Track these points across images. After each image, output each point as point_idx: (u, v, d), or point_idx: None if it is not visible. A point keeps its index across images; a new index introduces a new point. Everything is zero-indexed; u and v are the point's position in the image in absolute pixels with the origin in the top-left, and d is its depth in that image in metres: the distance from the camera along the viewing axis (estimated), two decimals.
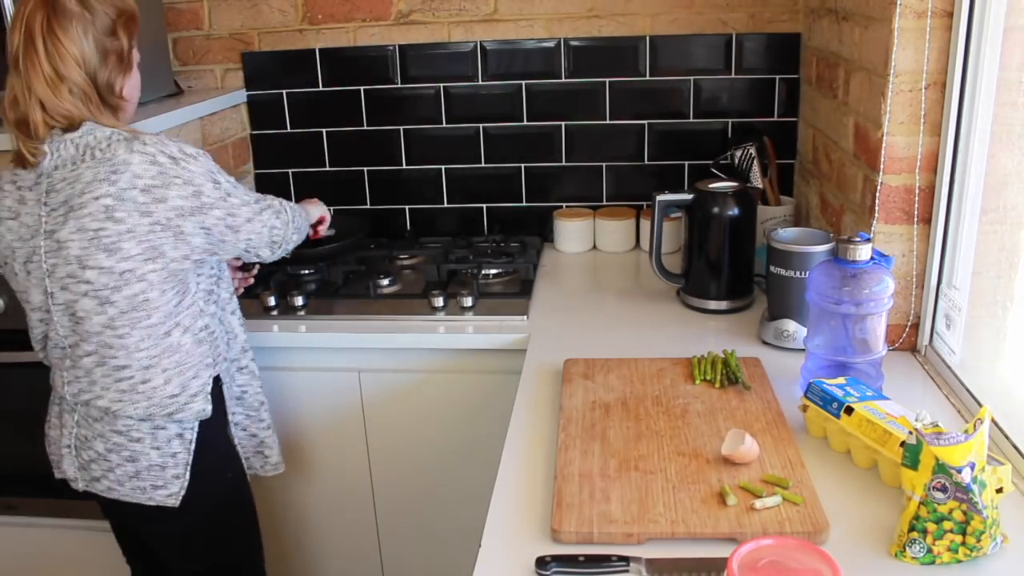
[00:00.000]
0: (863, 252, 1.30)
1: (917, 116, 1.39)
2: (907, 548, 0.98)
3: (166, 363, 1.37)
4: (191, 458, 1.42)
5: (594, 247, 2.19)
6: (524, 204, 2.26)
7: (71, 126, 1.30)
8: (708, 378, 1.40)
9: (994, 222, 1.35)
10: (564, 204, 2.24)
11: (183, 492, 1.42)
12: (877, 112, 1.43)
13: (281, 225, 1.49)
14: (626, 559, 0.99)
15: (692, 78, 2.10)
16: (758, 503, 1.07)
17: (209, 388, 1.44)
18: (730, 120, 2.13)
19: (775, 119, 2.11)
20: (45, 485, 1.92)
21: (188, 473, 1.42)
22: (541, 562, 0.99)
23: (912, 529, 0.98)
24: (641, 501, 1.09)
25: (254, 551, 1.63)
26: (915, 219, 1.45)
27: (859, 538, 1.03)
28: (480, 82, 2.16)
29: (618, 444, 1.23)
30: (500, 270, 1.99)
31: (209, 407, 1.43)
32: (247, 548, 1.61)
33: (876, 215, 1.46)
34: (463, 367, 1.76)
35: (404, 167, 2.26)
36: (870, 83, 1.48)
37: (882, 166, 1.43)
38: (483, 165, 2.23)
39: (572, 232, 2.16)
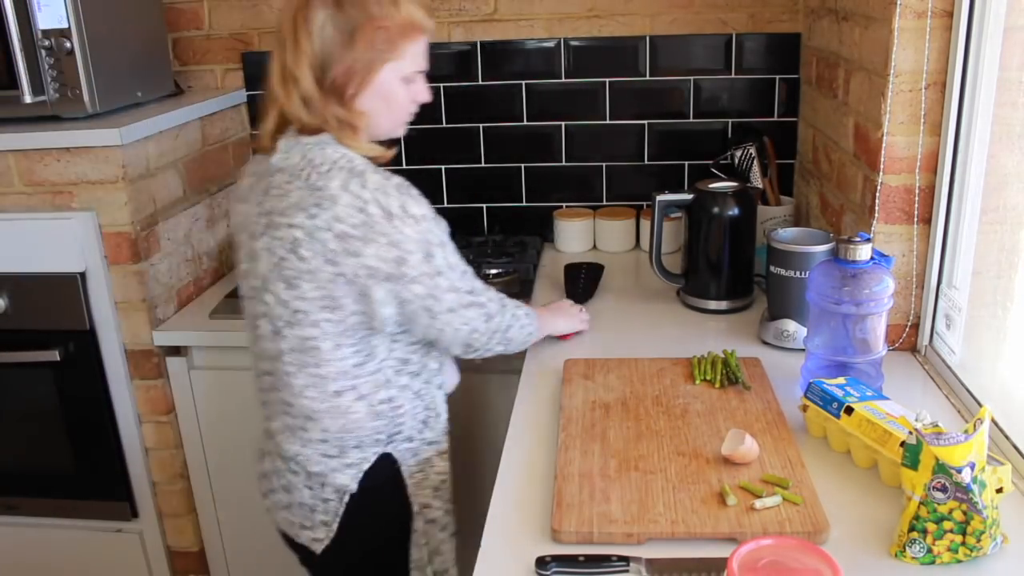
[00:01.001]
0: (863, 252, 1.30)
1: (917, 116, 1.39)
2: (907, 548, 0.98)
3: (328, 423, 1.24)
4: (343, 509, 1.27)
5: (594, 247, 2.19)
6: (524, 204, 2.26)
7: (305, 128, 1.20)
8: (708, 378, 1.40)
9: (994, 222, 1.35)
10: (564, 204, 2.24)
11: (328, 542, 1.28)
12: (877, 112, 1.43)
13: (485, 330, 1.30)
14: (626, 559, 0.99)
15: (692, 78, 2.10)
16: (758, 503, 1.07)
17: (368, 467, 1.27)
18: (730, 120, 2.13)
19: (775, 119, 2.11)
20: (45, 485, 1.92)
21: (337, 525, 1.28)
22: (541, 562, 0.99)
23: (912, 529, 0.98)
24: (641, 501, 1.09)
25: None
26: (915, 219, 1.45)
27: (859, 538, 1.03)
28: (480, 82, 2.16)
29: (618, 444, 1.23)
30: (500, 270, 1.99)
31: (355, 486, 1.27)
32: None
33: (876, 215, 1.46)
34: (462, 367, 1.75)
35: (404, 167, 2.26)
36: (870, 83, 1.48)
37: (882, 166, 1.43)
38: (483, 165, 2.23)
39: (572, 232, 2.16)
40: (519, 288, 1.90)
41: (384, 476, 1.29)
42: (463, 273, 1.26)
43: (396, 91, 1.25)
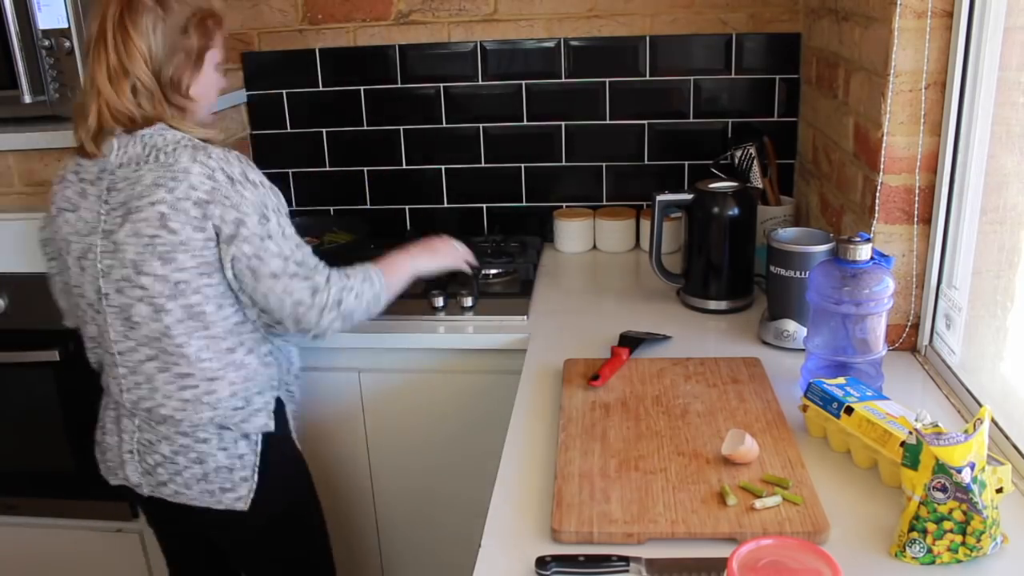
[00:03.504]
0: (863, 252, 1.30)
1: (917, 116, 1.39)
2: (907, 548, 0.98)
3: (232, 376, 1.34)
4: (258, 459, 1.39)
5: (594, 247, 2.19)
6: (524, 204, 2.26)
7: (136, 124, 1.28)
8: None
9: (994, 222, 1.35)
10: (564, 204, 2.24)
11: (252, 495, 1.38)
12: (877, 112, 1.43)
13: (312, 304, 1.32)
14: (626, 559, 0.99)
15: (692, 78, 2.10)
16: (758, 503, 1.07)
17: (272, 407, 1.41)
18: (730, 120, 2.13)
19: (775, 119, 2.11)
20: (45, 485, 1.92)
21: (256, 475, 1.38)
22: (541, 562, 0.99)
23: (912, 529, 0.98)
24: (641, 501, 1.09)
25: (324, 552, 1.59)
26: (915, 219, 1.45)
27: (859, 538, 1.03)
28: (480, 82, 2.16)
29: (618, 444, 1.23)
30: (500, 270, 1.99)
31: (272, 423, 1.40)
32: (317, 549, 1.57)
33: (876, 215, 1.46)
34: (463, 367, 1.76)
35: (404, 167, 2.26)
36: (870, 83, 1.48)
37: (882, 166, 1.43)
38: (483, 165, 2.23)
39: (572, 232, 2.16)
40: (519, 288, 1.90)
41: (280, 418, 1.43)
42: (297, 245, 1.33)
43: (214, 79, 1.39)
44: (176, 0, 1.29)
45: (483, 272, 1.96)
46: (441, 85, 2.17)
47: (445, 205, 2.28)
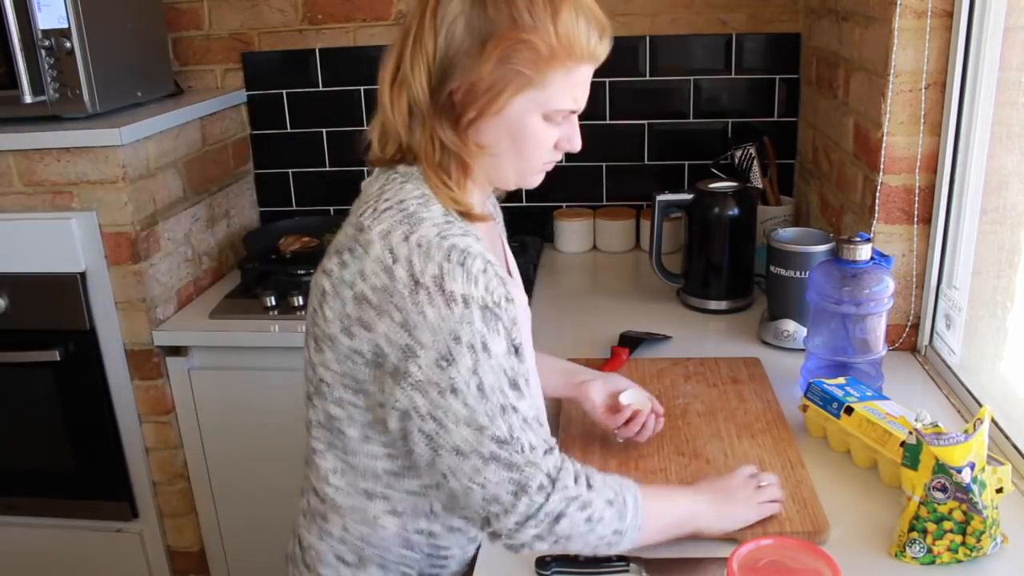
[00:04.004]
0: (863, 252, 1.30)
1: (917, 116, 1.39)
2: (907, 548, 0.98)
3: (352, 524, 0.98)
4: None
5: (594, 247, 2.19)
6: (524, 204, 2.26)
7: (401, 155, 0.94)
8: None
9: (994, 222, 1.35)
10: (564, 204, 2.24)
11: None
12: (877, 112, 1.43)
13: (512, 508, 0.87)
14: (626, 559, 0.99)
15: (692, 78, 2.10)
16: None
17: None
18: (730, 120, 2.13)
19: (775, 119, 2.11)
20: (45, 485, 1.92)
21: None
22: (541, 562, 0.99)
23: (912, 529, 0.98)
24: None
25: None
26: (915, 219, 1.45)
27: (859, 538, 1.03)
28: None
29: (618, 444, 1.23)
30: None
31: None
32: None
33: (876, 215, 1.46)
34: None
35: None
36: (870, 83, 1.48)
37: (882, 166, 1.43)
38: None
39: (572, 232, 2.16)
40: None
41: None
42: (503, 409, 0.86)
43: (531, 129, 0.94)
44: (497, 5, 0.87)
45: None
46: None
47: None
